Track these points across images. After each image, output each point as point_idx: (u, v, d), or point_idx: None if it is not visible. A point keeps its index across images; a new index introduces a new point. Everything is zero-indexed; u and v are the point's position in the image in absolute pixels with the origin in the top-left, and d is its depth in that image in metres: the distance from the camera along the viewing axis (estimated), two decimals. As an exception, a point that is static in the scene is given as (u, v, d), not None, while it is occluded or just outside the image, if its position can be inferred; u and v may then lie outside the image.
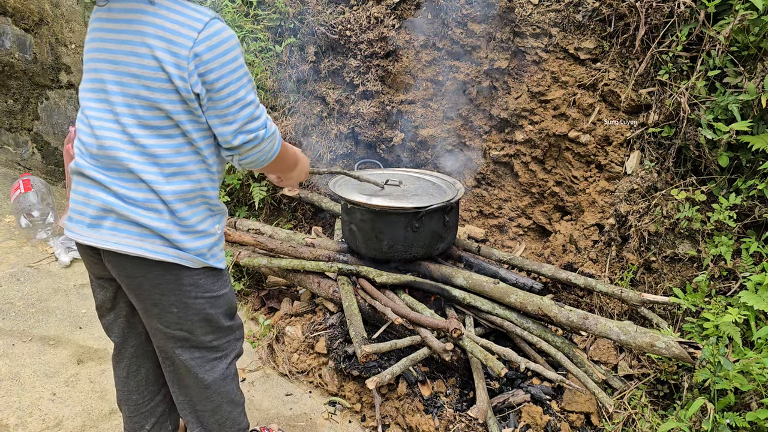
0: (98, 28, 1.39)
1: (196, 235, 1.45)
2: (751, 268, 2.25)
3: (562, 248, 2.92)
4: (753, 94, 2.21)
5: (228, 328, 1.64)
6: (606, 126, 2.70)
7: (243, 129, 1.38)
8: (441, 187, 2.71)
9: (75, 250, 3.42)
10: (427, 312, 2.35)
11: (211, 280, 1.53)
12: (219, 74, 1.31)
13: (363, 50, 3.21)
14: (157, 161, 1.37)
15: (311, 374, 2.50)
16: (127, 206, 1.38)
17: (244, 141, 1.39)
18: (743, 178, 2.33)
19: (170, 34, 1.29)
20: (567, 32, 2.72)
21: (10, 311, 2.91)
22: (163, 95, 1.32)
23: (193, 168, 1.42)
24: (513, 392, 2.26)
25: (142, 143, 1.36)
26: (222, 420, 1.75)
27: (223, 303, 1.59)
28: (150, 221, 1.39)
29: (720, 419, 1.87)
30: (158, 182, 1.37)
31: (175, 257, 1.43)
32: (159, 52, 1.29)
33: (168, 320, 1.53)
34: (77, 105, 4.11)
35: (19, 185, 3.67)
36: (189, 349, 1.60)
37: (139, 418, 1.83)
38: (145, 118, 1.35)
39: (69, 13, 3.83)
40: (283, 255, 2.80)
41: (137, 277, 1.45)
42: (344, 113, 3.37)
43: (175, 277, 1.46)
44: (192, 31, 1.29)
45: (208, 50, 1.29)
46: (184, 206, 1.42)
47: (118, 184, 1.38)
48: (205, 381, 1.65)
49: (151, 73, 1.31)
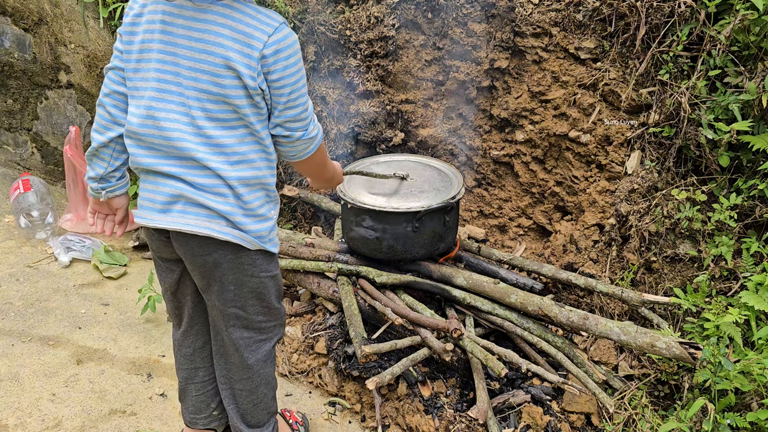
0: (166, 21, 1.45)
1: (257, 218, 1.57)
2: (751, 269, 2.25)
3: (563, 248, 2.91)
4: (753, 94, 2.21)
5: (276, 310, 1.77)
6: (606, 126, 2.70)
7: (284, 124, 1.53)
8: (447, 175, 2.69)
9: (74, 250, 3.42)
10: (427, 312, 2.34)
11: (267, 260, 1.66)
12: (280, 75, 1.44)
13: (363, 50, 3.20)
14: (223, 150, 1.48)
15: (311, 374, 2.49)
16: (196, 191, 1.50)
17: (281, 134, 1.54)
18: (744, 178, 2.33)
19: (243, 36, 1.40)
20: (567, 32, 2.72)
21: (10, 311, 2.91)
22: (233, 91, 1.42)
23: (254, 156, 1.53)
24: (513, 393, 2.26)
25: (209, 134, 1.47)
26: (257, 401, 1.86)
27: (275, 283, 1.73)
28: (216, 204, 1.50)
29: (720, 420, 1.86)
30: (224, 169, 1.49)
31: (239, 238, 1.54)
32: (231, 52, 1.40)
33: (226, 297, 1.65)
34: (77, 105, 4.10)
35: (18, 185, 3.66)
36: (240, 329, 1.72)
37: (205, 396, 1.97)
38: (212, 111, 1.45)
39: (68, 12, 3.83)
40: (283, 255, 2.80)
41: (203, 255, 1.57)
42: (344, 113, 3.37)
43: (236, 257, 1.58)
44: (263, 35, 1.40)
45: (275, 53, 1.42)
46: (247, 191, 1.53)
47: (186, 172, 1.49)
48: (248, 361, 1.77)
49: (222, 71, 1.41)
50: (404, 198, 2.50)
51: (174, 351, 1.95)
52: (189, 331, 1.88)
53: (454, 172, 2.71)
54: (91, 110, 4.06)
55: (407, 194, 2.53)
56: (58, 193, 4.19)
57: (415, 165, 2.82)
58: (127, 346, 2.69)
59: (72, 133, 3.65)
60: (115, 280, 3.26)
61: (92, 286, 3.19)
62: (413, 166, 2.79)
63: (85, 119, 4.11)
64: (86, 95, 4.03)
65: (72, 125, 3.89)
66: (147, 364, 2.58)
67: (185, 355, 1.92)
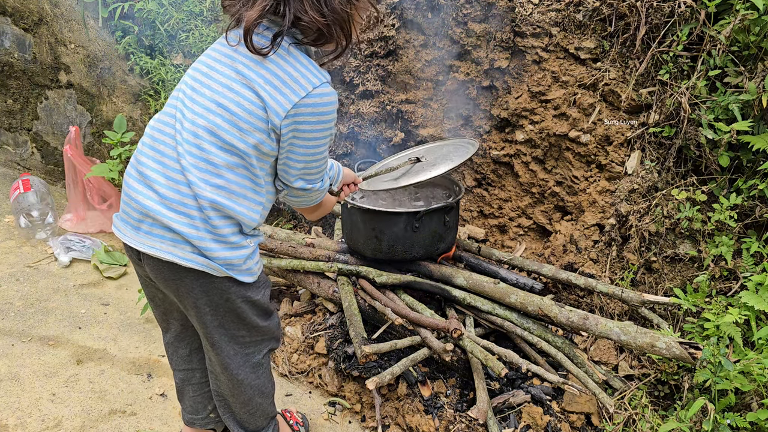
0: (213, 57, 1.48)
1: (228, 246, 1.48)
2: (751, 269, 2.25)
3: (563, 248, 2.91)
4: (753, 94, 2.21)
5: (262, 328, 1.69)
6: (606, 126, 2.70)
7: (305, 177, 1.52)
8: (464, 146, 2.55)
9: (74, 250, 3.42)
10: (427, 312, 2.34)
11: (243, 287, 1.56)
12: (311, 128, 1.42)
13: (363, 50, 3.20)
14: (211, 169, 1.42)
15: (311, 374, 2.49)
16: (163, 208, 1.43)
17: (302, 187, 1.53)
18: (744, 178, 2.33)
19: (288, 78, 1.38)
20: (567, 32, 2.72)
21: (10, 311, 2.91)
22: (254, 119, 1.39)
23: (237, 189, 1.45)
24: (513, 393, 2.26)
25: (206, 149, 1.41)
26: (253, 410, 1.83)
27: (257, 306, 1.64)
28: (181, 227, 1.42)
29: (720, 420, 1.86)
30: (201, 187, 1.41)
31: (204, 266, 1.46)
32: (267, 86, 1.38)
33: (204, 320, 1.59)
34: (77, 105, 4.10)
35: (18, 185, 3.66)
36: (223, 344, 1.66)
37: (201, 398, 1.96)
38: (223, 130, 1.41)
39: (68, 12, 3.83)
40: (283, 255, 2.80)
41: (174, 281, 1.51)
42: (344, 113, 3.37)
43: (207, 281, 1.50)
44: (309, 85, 1.39)
45: (313, 106, 1.40)
46: (216, 215, 1.44)
47: (159, 177, 1.44)
48: (239, 377, 1.72)
49: (253, 98, 1.39)
50: (415, 174, 2.37)
51: (167, 354, 1.91)
52: (183, 333, 1.84)
53: (470, 142, 2.56)
54: (91, 110, 4.06)
55: (418, 172, 2.39)
56: (58, 193, 4.19)
57: (428, 148, 2.66)
58: (127, 346, 2.69)
59: (72, 133, 3.65)
60: (115, 280, 3.26)
61: (92, 286, 3.19)
62: (427, 150, 2.63)
63: (85, 119, 4.11)
64: (86, 95, 4.03)
65: (72, 125, 3.89)
66: (147, 364, 2.58)
67: (182, 356, 1.89)
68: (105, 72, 3.87)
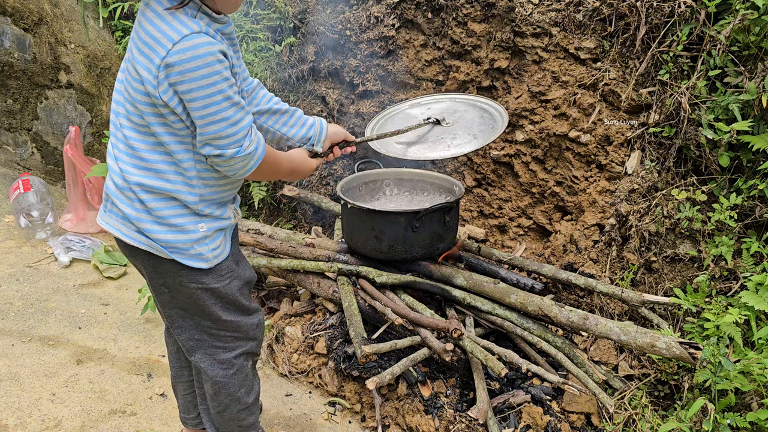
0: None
1: (171, 228, 1.49)
2: (751, 269, 2.25)
3: (563, 248, 2.91)
4: (753, 94, 2.21)
5: (230, 323, 1.65)
6: (606, 126, 2.70)
7: (210, 142, 1.40)
8: (492, 116, 2.31)
9: (74, 250, 3.42)
10: (427, 312, 2.34)
11: (195, 272, 1.54)
12: (189, 87, 1.32)
13: (363, 50, 3.20)
14: (134, 153, 1.46)
15: (311, 375, 2.49)
16: (115, 190, 1.50)
17: (211, 153, 1.42)
18: (744, 178, 2.33)
19: (151, 40, 1.33)
20: (567, 32, 2.71)
21: (10, 311, 2.91)
22: (139, 96, 1.38)
23: (163, 167, 1.46)
24: (513, 393, 2.26)
25: (125, 134, 1.46)
26: (228, 416, 1.81)
27: (218, 297, 1.60)
28: (124, 207, 1.49)
29: (720, 419, 1.86)
30: (129, 172, 1.46)
31: (146, 245, 1.50)
32: (139, 56, 1.36)
33: (162, 300, 1.62)
34: (77, 105, 4.10)
35: (18, 185, 3.66)
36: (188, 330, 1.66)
37: (192, 397, 1.96)
38: (130, 113, 1.44)
39: (68, 12, 3.83)
40: (283, 255, 2.80)
41: (131, 257, 1.59)
42: (344, 113, 3.37)
43: (158, 263, 1.53)
44: (168, 42, 1.30)
45: (180, 63, 1.29)
46: (150, 197, 1.46)
47: (112, 169, 1.51)
48: (200, 364, 1.70)
49: (134, 74, 1.38)
50: (430, 147, 2.20)
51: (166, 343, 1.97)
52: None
53: (501, 113, 2.30)
54: (91, 110, 4.06)
55: (435, 142, 2.21)
56: (58, 193, 4.19)
57: (456, 105, 2.40)
58: (127, 346, 2.69)
59: (72, 133, 3.65)
60: (115, 280, 3.26)
61: (92, 286, 3.19)
62: (454, 107, 2.39)
63: (85, 119, 4.11)
64: (86, 95, 4.03)
65: (72, 125, 3.89)
66: (147, 364, 2.58)
67: (171, 352, 1.94)
68: (105, 72, 3.87)
